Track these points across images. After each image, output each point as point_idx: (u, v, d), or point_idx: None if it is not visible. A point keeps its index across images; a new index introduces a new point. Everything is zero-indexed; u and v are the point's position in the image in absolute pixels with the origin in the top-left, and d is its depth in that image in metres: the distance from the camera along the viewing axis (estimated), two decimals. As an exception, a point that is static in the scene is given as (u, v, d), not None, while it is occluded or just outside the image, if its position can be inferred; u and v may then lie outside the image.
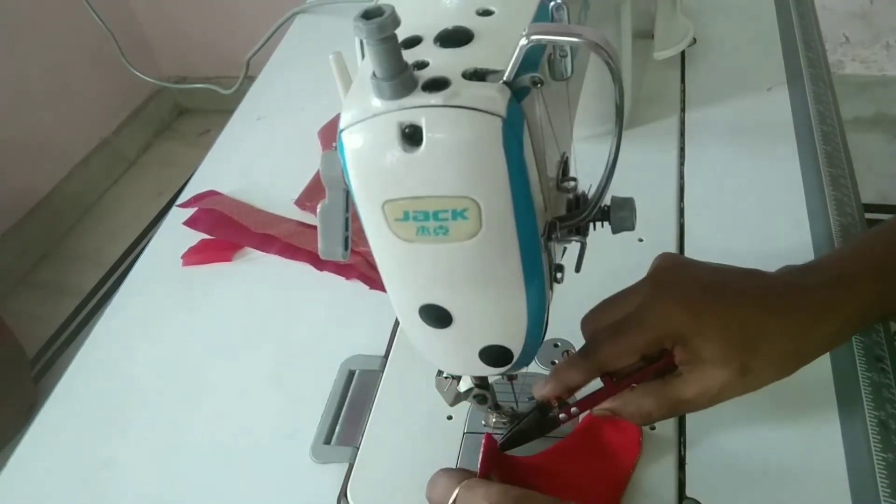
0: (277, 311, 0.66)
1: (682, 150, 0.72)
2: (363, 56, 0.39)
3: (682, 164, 0.70)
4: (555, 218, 0.40)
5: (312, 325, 0.64)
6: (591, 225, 0.44)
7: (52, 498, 0.56)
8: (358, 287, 0.66)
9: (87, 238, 2.17)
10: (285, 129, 0.87)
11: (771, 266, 0.56)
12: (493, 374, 0.44)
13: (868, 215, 0.64)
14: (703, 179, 0.68)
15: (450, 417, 0.54)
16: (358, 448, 0.54)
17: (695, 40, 0.81)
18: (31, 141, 2.07)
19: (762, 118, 0.73)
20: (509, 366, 0.43)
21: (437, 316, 0.40)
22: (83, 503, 0.55)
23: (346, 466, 0.53)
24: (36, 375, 1.79)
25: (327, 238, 0.41)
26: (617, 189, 0.42)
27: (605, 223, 0.43)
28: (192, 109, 2.57)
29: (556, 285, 0.43)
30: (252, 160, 0.84)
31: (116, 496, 0.55)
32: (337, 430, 0.56)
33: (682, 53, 0.83)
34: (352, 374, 0.59)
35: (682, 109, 0.77)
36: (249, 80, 1.04)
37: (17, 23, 1.99)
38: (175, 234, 0.75)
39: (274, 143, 0.86)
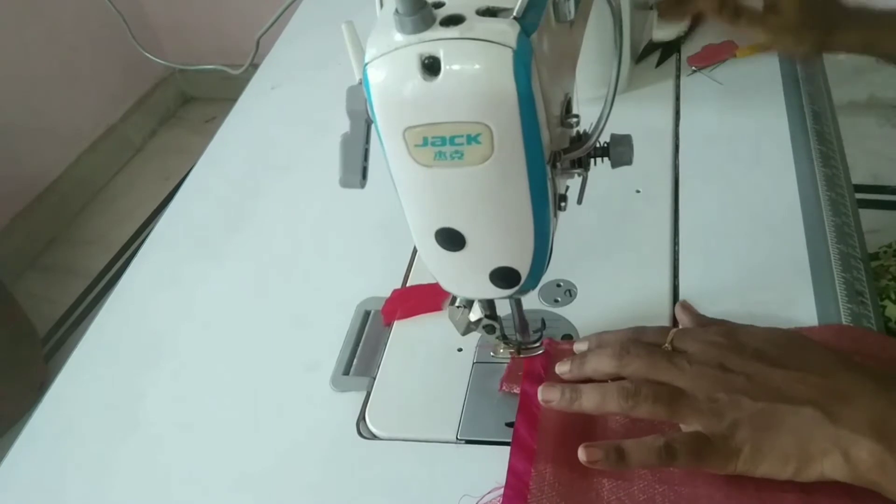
0: (296, 260, 0.70)
1: (677, 112, 0.76)
2: (381, 6, 0.43)
3: (677, 124, 0.74)
4: (559, 149, 0.44)
5: (330, 272, 0.68)
6: (592, 161, 0.47)
7: (63, 469, 0.58)
8: (372, 237, 0.70)
9: (95, 222, 2.20)
10: (299, 98, 0.91)
11: (759, 215, 0.60)
12: (501, 296, 0.48)
13: (859, 195, 0.68)
14: (698, 138, 0.72)
15: (460, 350, 0.58)
16: (374, 378, 0.58)
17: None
18: (40, 126, 2.10)
19: (753, 82, 0.77)
20: (517, 287, 0.47)
21: (451, 239, 0.44)
22: (94, 473, 0.58)
23: (363, 394, 0.57)
24: (46, 354, 1.83)
25: (347, 168, 0.45)
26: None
27: (605, 158, 0.47)
28: (197, 97, 2.61)
29: (560, 214, 0.47)
30: (267, 126, 0.88)
31: (127, 464, 0.58)
32: (354, 363, 0.60)
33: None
34: (367, 313, 0.63)
35: (678, 76, 0.81)
36: (257, 64, 1.07)
37: (26, 10, 2.02)
38: (197, 193, 0.79)
39: (288, 110, 0.89)
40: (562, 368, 0.52)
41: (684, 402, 0.45)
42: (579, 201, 0.48)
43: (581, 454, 0.45)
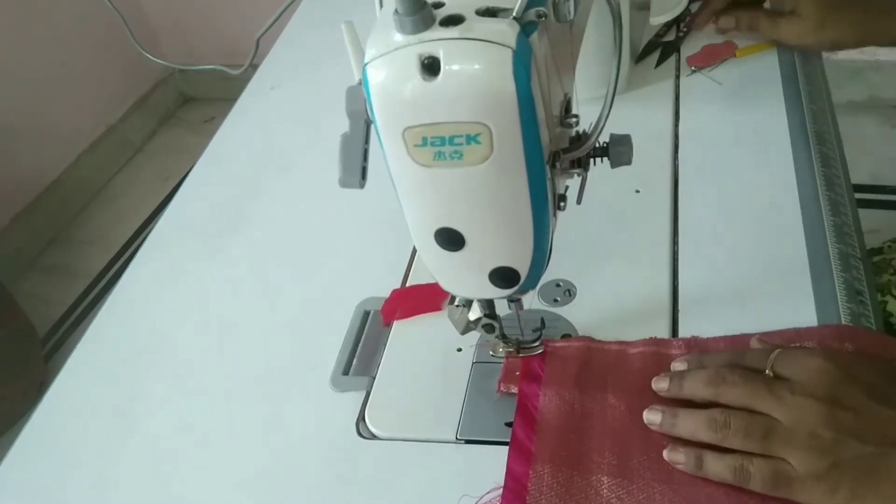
0: (296, 260, 0.70)
1: (677, 112, 0.76)
2: (381, 6, 0.43)
3: (676, 124, 0.74)
4: (559, 149, 0.44)
5: (329, 272, 0.68)
6: (592, 161, 0.48)
7: (63, 469, 0.58)
8: (372, 238, 0.70)
9: (95, 222, 2.20)
10: (299, 98, 0.91)
11: (759, 215, 0.60)
12: (501, 295, 0.48)
13: (858, 195, 0.68)
14: (697, 138, 0.72)
15: (459, 350, 0.58)
16: (374, 378, 0.58)
17: (689, 10, 0.85)
18: (40, 127, 2.10)
19: (753, 82, 0.77)
20: (516, 287, 0.47)
21: (451, 239, 0.44)
22: (94, 473, 0.57)
23: (363, 394, 0.57)
24: (46, 354, 1.83)
25: (347, 168, 0.45)
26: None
27: (605, 159, 0.47)
28: (197, 98, 2.61)
29: (559, 214, 0.47)
30: (267, 126, 0.88)
31: (128, 464, 0.57)
32: (354, 363, 0.60)
33: (678, 26, 0.87)
34: (367, 314, 0.63)
35: (678, 76, 0.81)
36: (257, 64, 1.07)
37: (26, 10, 2.02)
38: (197, 193, 0.79)
39: (288, 110, 0.90)
40: (659, 385, 0.51)
41: (779, 437, 0.43)
42: (579, 201, 0.48)
43: (665, 454, 0.47)
